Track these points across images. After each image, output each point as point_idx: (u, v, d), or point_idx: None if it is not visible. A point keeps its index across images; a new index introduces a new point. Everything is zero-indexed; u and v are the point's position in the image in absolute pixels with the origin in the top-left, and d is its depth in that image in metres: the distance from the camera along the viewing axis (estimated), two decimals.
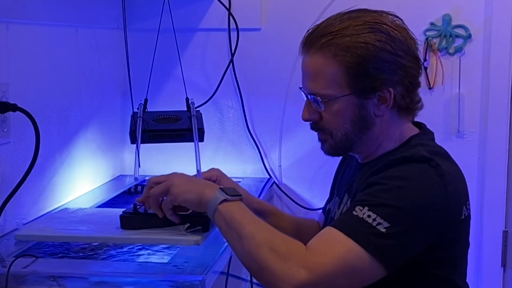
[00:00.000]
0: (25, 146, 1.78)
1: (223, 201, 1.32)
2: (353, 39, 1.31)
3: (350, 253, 1.22)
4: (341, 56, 1.32)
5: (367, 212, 1.24)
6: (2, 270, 1.44)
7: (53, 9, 1.97)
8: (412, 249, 1.27)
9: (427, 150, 1.33)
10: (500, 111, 2.49)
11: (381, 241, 1.22)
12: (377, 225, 1.22)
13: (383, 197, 1.25)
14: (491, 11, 2.46)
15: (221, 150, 2.63)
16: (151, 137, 2.02)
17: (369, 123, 1.36)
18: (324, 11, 2.47)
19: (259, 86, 2.60)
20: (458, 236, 1.34)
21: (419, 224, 1.25)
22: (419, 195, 1.26)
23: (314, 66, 1.35)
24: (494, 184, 2.51)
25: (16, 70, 1.77)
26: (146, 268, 1.52)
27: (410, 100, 1.37)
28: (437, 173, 1.28)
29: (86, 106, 2.23)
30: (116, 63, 2.42)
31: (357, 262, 1.22)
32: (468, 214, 1.35)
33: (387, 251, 1.23)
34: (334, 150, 1.41)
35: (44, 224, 1.67)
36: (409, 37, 1.36)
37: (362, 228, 1.23)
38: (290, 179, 2.63)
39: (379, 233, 1.22)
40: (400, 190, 1.26)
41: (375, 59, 1.31)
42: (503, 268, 2.56)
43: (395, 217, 1.23)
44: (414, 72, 1.36)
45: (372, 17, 1.35)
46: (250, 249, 1.25)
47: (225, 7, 2.52)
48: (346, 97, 1.34)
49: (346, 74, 1.32)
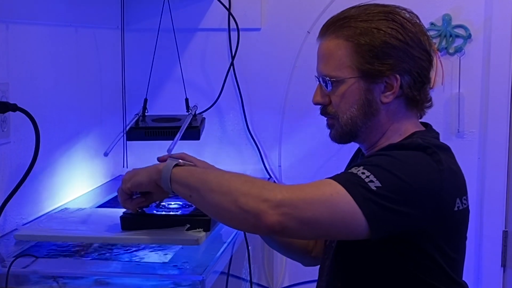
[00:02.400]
0: (25, 146, 1.78)
1: (175, 166, 1.36)
2: (367, 24, 1.36)
3: (338, 195, 1.23)
4: (353, 38, 1.36)
5: (361, 170, 1.26)
6: (2, 270, 1.44)
7: (53, 9, 1.97)
8: (398, 220, 1.26)
9: (426, 141, 1.34)
10: (500, 111, 2.49)
11: (369, 196, 1.22)
12: (369, 182, 1.23)
13: (380, 162, 1.28)
14: (491, 11, 2.46)
15: (221, 150, 2.63)
16: (146, 134, 2.03)
17: (375, 108, 1.38)
18: (324, 11, 2.47)
19: (259, 86, 2.60)
20: (452, 228, 1.33)
21: (410, 198, 1.25)
22: (414, 172, 1.27)
23: (327, 48, 1.39)
24: (494, 184, 2.51)
25: (16, 70, 1.77)
26: (146, 268, 1.51)
27: (418, 93, 1.38)
28: (433, 159, 1.30)
29: (86, 106, 2.23)
30: (116, 63, 2.42)
31: (341, 203, 1.22)
32: (463, 208, 1.34)
33: (374, 208, 1.22)
34: (340, 135, 1.42)
35: (44, 224, 1.67)
36: (422, 32, 1.39)
37: (354, 180, 1.24)
38: (290, 179, 2.63)
39: (369, 189, 1.23)
40: (398, 161, 1.28)
41: (385, 44, 1.34)
42: (503, 268, 2.56)
43: (388, 181, 1.24)
44: (424, 64, 1.38)
45: (388, 8, 1.39)
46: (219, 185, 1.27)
47: (225, 7, 2.52)
48: (353, 79, 1.37)
49: (356, 56, 1.36)
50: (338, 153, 2.50)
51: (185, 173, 1.35)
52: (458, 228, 1.37)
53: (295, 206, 1.21)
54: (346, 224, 1.24)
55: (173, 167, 1.36)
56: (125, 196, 1.47)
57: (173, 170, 1.35)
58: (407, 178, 1.25)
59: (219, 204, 1.27)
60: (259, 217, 1.21)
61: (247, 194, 1.23)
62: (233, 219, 1.27)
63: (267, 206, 1.21)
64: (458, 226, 1.36)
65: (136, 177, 1.43)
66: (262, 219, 1.21)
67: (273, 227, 1.22)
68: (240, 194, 1.24)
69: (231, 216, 1.26)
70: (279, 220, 1.21)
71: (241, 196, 1.23)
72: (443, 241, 1.32)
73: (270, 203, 1.21)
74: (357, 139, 1.44)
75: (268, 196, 1.22)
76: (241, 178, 1.28)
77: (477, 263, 2.53)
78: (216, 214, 1.32)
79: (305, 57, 2.53)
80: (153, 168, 1.40)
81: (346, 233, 1.26)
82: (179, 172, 1.36)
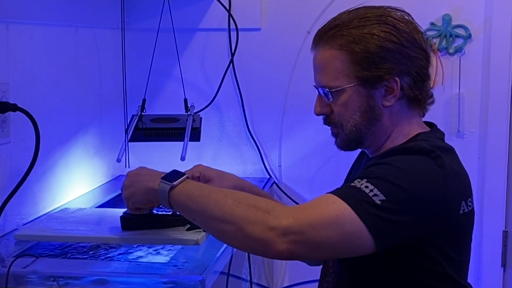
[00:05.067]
0: (25, 146, 1.78)
1: (170, 190, 1.31)
2: (359, 30, 1.34)
3: (343, 215, 1.21)
4: (347, 47, 1.34)
5: (365, 183, 1.24)
6: (2, 270, 1.44)
7: (53, 9, 1.97)
8: (404, 231, 1.25)
9: (429, 144, 1.33)
10: (500, 111, 2.49)
11: (374, 211, 1.21)
12: (373, 196, 1.22)
13: (383, 172, 1.26)
14: (491, 11, 2.46)
15: (221, 151, 2.63)
16: (146, 135, 2.03)
17: (378, 113, 1.37)
18: (324, 11, 2.47)
19: (259, 86, 2.60)
20: (457, 231, 1.33)
21: (415, 207, 1.24)
22: (417, 179, 1.26)
23: (322, 58, 1.38)
24: (494, 184, 2.51)
25: (16, 70, 1.77)
26: (146, 268, 1.51)
27: (419, 92, 1.37)
28: (436, 164, 1.29)
29: (86, 106, 2.23)
30: (116, 63, 2.42)
31: (348, 224, 1.21)
32: (469, 210, 1.34)
33: (379, 223, 1.21)
34: (346, 143, 1.41)
35: (44, 224, 1.67)
36: (416, 30, 1.38)
37: (358, 196, 1.22)
38: (290, 179, 2.63)
39: (374, 203, 1.21)
40: (400, 170, 1.26)
41: (380, 48, 1.33)
42: (503, 268, 2.56)
43: (392, 193, 1.23)
44: (422, 63, 1.37)
45: (378, 11, 1.37)
46: (223, 213, 1.24)
47: (225, 8, 2.52)
48: (353, 88, 1.35)
49: (352, 64, 1.34)
50: (338, 153, 2.46)
51: (183, 199, 1.31)
52: (463, 231, 1.36)
53: (302, 233, 1.20)
54: (352, 243, 1.23)
55: (169, 191, 1.32)
56: (132, 209, 1.48)
57: (170, 194, 1.32)
58: (410, 187, 1.24)
59: (224, 232, 1.25)
60: (267, 245, 1.20)
61: (253, 223, 1.21)
62: (240, 245, 1.27)
63: (275, 234, 1.19)
64: (464, 229, 1.36)
65: (134, 198, 1.41)
66: (271, 247, 1.20)
67: (281, 254, 1.21)
68: (245, 222, 1.21)
69: (238, 243, 1.26)
70: (287, 248, 1.20)
71: (246, 224, 1.21)
72: (447, 245, 1.32)
73: (277, 232, 1.19)
74: (363, 145, 1.43)
75: (274, 224, 1.20)
76: (243, 203, 1.24)
77: (477, 263, 2.53)
78: (222, 240, 1.30)
79: (305, 57, 2.53)
80: (150, 189, 1.36)
81: (353, 251, 1.25)
82: (177, 197, 1.32)
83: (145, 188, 1.38)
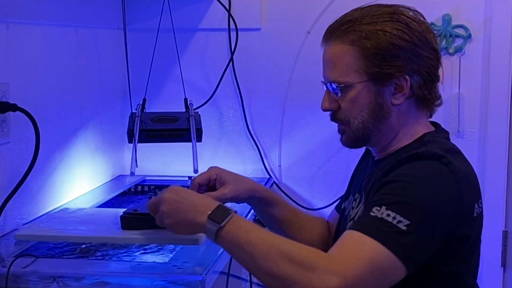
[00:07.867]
0: (25, 146, 1.78)
1: (218, 232, 1.25)
2: (371, 27, 1.34)
3: (377, 255, 1.19)
4: (359, 43, 1.34)
5: (385, 212, 1.22)
6: (2, 270, 1.44)
7: (53, 9, 1.97)
8: (429, 247, 1.25)
9: (440, 148, 1.32)
10: (500, 111, 2.49)
11: (404, 240, 1.20)
12: (398, 223, 1.21)
13: (399, 194, 1.24)
14: (491, 11, 2.46)
15: (221, 150, 2.63)
16: (148, 136, 2.03)
17: (386, 111, 1.36)
18: (324, 11, 2.47)
19: (259, 86, 2.60)
20: (470, 234, 1.33)
21: (436, 220, 1.24)
22: (433, 191, 1.25)
23: (333, 54, 1.37)
24: (494, 184, 2.51)
25: (16, 70, 1.77)
26: (146, 268, 1.52)
27: (428, 92, 1.37)
28: (449, 170, 1.28)
29: (86, 106, 2.23)
30: (116, 63, 2.42)
31: (383, 263, 1.20)
32: (480, 212, 1.35)
33: (410, 250, 1.21)
34: (352, 140, 1.41)
35: (44, 224, 1.67)
36: (428, 30, 1.38)
37: (384, 228, 1.21)
38: (290, 179, 2.63)
39: (401, 231, 1.20)
40: (414, 186, 1.25)
41: (392, 46, 1.32)
42: (503, 268, 2.56)
43: (414, 214, 1.22)
44: (432, 63, 1.37)
45: (391, 9, 1.37)
46: (269, 267, 1.20)
47: (225, 8, 2.52)
48: (363, 84, 1.35)
49: (363, 60, 1.34)
50: (338, 153, 2.51)
51: (229, 244, 1.25)
52: (476, 232, 1.36)
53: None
54: (389, 278, 1.22)
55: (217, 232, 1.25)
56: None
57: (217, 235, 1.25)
58: (429, 202, 1.24)
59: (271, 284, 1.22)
60: None
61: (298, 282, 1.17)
62: None
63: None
64: (477, 230, 1.36)
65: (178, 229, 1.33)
66: None
67: None
68: (290, 282, 1.18)
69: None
70: None
71: (292, 284, 1.18)
72: (463, 247, 1.32)
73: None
74: (369, 143, 1.42)
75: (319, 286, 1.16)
76: (287, 258, 1.19)
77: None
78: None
79: (305, 57, 2.53)
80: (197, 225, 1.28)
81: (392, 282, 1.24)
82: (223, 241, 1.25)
83: (192, 223, 1.29)
